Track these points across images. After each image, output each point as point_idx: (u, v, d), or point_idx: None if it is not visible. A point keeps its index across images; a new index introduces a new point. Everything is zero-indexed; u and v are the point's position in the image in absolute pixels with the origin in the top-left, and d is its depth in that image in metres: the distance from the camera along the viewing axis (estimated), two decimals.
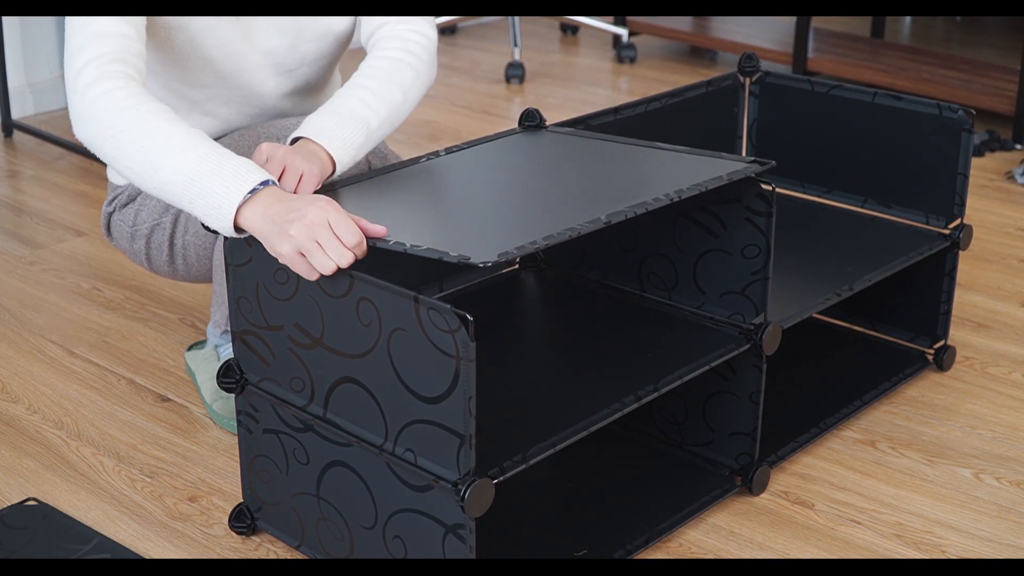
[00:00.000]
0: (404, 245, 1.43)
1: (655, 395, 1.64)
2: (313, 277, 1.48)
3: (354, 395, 1.51)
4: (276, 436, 1.66)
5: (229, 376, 1.67)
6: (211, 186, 1.51)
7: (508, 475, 1.46)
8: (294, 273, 1.52)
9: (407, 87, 1.80)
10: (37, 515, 1.79)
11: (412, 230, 1.51)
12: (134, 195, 2.02)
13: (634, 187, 1.63)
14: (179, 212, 1.95)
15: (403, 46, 1.83)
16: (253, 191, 1.51)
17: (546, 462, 1.87)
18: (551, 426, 1.55)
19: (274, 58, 1.92)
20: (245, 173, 1.52)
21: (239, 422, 1.71)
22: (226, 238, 1.59)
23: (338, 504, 1.60)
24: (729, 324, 1.80)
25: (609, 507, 1.78)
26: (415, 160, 1.78)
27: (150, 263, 2.05)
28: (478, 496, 1.41)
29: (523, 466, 1.47)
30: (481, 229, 1.51)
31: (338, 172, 1.68)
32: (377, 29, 1.87)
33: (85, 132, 1.61)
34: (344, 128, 1.69)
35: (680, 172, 1.68)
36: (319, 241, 1.45)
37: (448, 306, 1.35)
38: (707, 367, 1.71)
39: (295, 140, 1.68)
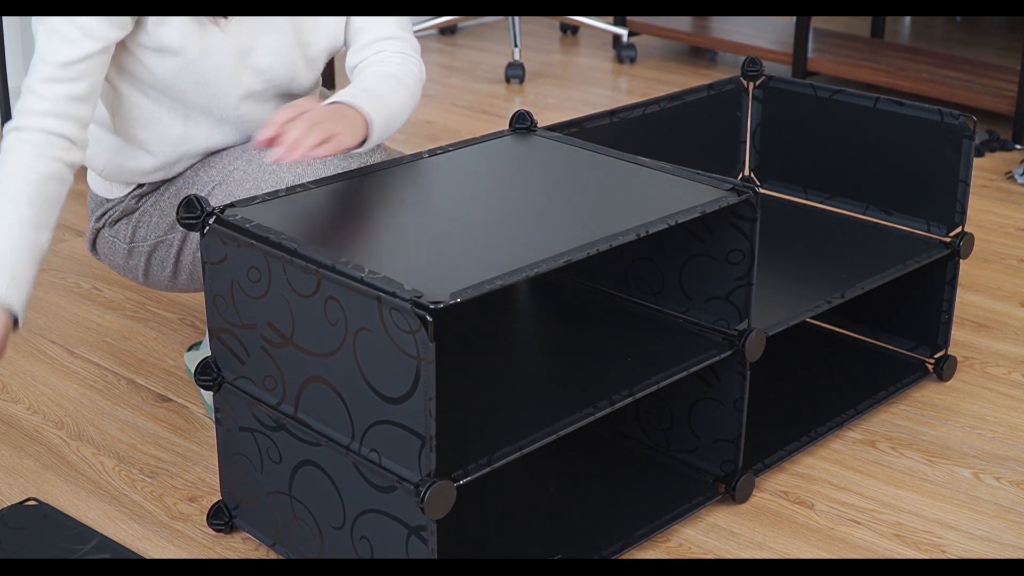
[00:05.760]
0: (362, 271, 1.42)
1: (630, 400, 1.63)
2: None
3: (322, 395, 1.52)
4: (251, 434, 1.66)
5: (206, 374, 1.67)
6: None
7: (472, 477, 1.45)
8: (267, 271, 1.53)
9: (413, 89, 1.89)
10: (37, 515, 1.79)
11: (374, 248, 1.51)
12: (128, 210, 1.99)
13: (606, 212, 1.64)
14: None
15: (400, 60, 1.91)
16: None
17: (530, 466, 1.87)
18: (520, 429, 1.54)
19: (269, 83, 1.91)
20: None
21: (217, 420, 1.71)
22: (203, 236, 1.60)
23: (309, 504, 1.60)
24: (713, 330, 1.78)
25: (590, 512, 1.77)
26: (397, 161, 1.79)
27: (147, 278, 2.01)
28: (438, 498, 1.41)
29: (488, 469, 1.46)
30: (443, 253, 1.50)
31: (375, 136, 1.76)
32: (369, 48, 1.92)
33: None
34: (375, 100, 1.78)
35: (656, 196, 1.68)
36: None
37: (409, 305, 1.35)
38: (686, 373, 1.69)
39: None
